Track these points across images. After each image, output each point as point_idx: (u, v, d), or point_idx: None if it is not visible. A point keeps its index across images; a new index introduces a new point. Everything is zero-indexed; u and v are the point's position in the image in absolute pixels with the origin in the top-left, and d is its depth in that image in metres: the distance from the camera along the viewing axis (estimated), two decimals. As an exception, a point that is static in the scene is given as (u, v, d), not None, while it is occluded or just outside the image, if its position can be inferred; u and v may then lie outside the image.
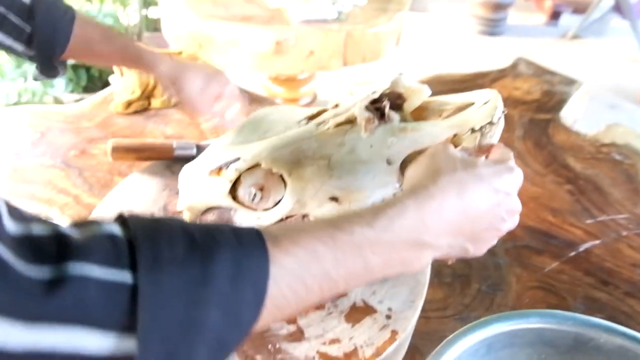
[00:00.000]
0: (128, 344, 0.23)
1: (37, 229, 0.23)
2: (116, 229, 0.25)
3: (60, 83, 1.67)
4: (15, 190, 0.73)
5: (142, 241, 0.24)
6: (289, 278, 0.28)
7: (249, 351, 0.42)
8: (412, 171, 0.39)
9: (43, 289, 0.21)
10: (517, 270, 0.62)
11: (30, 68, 1.65)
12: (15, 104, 1.54)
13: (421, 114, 0.46)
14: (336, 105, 0.47)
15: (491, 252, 0.66)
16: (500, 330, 0.44)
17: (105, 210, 0.56)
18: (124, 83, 0.91)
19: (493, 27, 2.78)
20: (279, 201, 0.45)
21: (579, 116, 1.07)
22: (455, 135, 0.42)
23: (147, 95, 0.91)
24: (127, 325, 0.23)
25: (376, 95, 0.44)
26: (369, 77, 1.93)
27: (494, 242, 0.38)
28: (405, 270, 0.33)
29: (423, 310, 0.48)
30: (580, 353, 0.45)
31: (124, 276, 0.23)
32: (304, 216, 0.45)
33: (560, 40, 2.77)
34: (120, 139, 0.65)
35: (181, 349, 0.24)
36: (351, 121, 0.44)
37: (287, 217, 0.45)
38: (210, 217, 0.46)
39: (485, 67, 1.13)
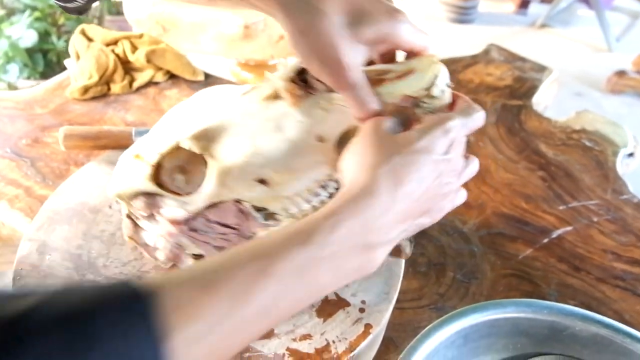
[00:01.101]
0: None
1: None
2: None
3: (14, 69, 1.57)
4: (-41, 182, 0.67)
5: None
6: (226, 326, 0.25)
7: (215, 351, 0.39)
8: (347, 162, 0.35)
9: None
10: (492, 258, 0.61)
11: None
12: (-35, 90, 1.44)
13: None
14: None
15: (466, 239, 0.66)
16: (477, 320, 0.43)
17: (59, 201, 0.52)
18: (81, 67, 0.86)
19: (464, 14, 2.79)
20: None
21: (549, 103, 1.08)
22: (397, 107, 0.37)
23: (106, 80, 0.86)
24: None
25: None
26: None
27: (452, 203, 0.37)
28: (362, 275, 0.31)
29: (398, 300, 0.46)
30: (555, 342, 0.44)
31: None
32: (237, 201, 0.41)
33: (529, 29, 2.81)
34: (73, 127, 0.60)
35: None
36: (278, 94, 0.40)
37: (218, 203, 0.41)
38: (139, 204, 0.42)
39: (457, 54, 1.12)
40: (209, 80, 0.90)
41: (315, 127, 0.40)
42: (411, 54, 0.40)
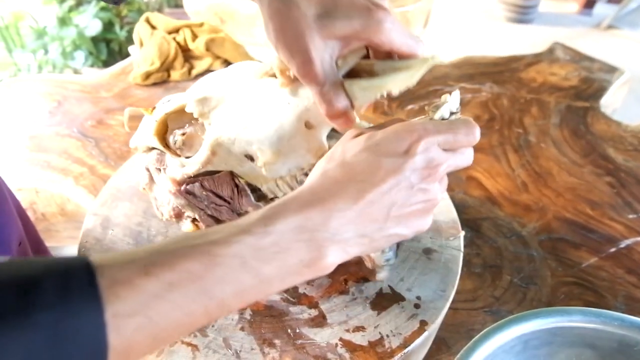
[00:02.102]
0: None
1: None
2: None
3: (80, 56, 1.66)
4: (30, 158, 0.71)
5: None
6: (166, 306, 0.25)
7: (267, 334, 0.39)
8: (314, 169, 0.34)
9: None
10: (552, 264, 0.58)
11: (52, 44, 1.64)
12: (35, 75, 1.53)
13: (358, 74, 0.38)
14: None
15: (524, 243, 0.63)
16: (539, 327, 0.40)
17: (121, 180, 0.54)
18: (143, 54, 0.89)
19: (523, 14, 2.68)
20: None
21: (618, 106, 1.01)
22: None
23: (166, 67, 0.88)
24: None
25: None
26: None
27: (429, 214, 0.33)
28: (314, 274, 0.29)
29: (451, 301, 0.45)
30: (625, 357, 0.41)
31: None
32: (233, 176, 0.41)
33: (594, 30, 2.66)
34: (138, 108, 0.62)
35: None
36: (274, 73, 0.40)
37: (214, 173, 0.41)
38: (151, 157, 0.44)
39: (518, 52, 1.07)
40: (265, 70, 0.91)
41: (305, 113, 0.38)
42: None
